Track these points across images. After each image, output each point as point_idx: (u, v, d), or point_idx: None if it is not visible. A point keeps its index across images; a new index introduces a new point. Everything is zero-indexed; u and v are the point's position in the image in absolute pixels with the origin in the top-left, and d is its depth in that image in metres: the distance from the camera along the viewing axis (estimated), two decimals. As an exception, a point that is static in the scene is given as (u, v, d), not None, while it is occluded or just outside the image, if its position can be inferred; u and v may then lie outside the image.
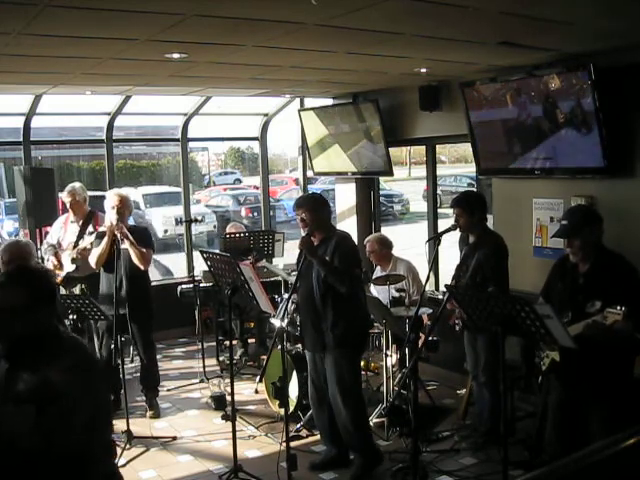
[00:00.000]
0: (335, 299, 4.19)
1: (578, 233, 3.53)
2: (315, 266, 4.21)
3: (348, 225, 7.59)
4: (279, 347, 4.06)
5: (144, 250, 5.23)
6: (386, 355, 5.21)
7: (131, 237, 5.14)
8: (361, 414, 4.42)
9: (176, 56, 4.50)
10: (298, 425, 5.05)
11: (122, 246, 5.12)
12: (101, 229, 5.43)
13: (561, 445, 3.67)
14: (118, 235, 5.07)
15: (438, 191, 7.52)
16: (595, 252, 3.55)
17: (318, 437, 4.85)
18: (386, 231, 7.65)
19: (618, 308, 3.11)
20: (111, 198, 5.26)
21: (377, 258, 6.09)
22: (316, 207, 4.32)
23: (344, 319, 4.22)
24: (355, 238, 5.75)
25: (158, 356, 7.15)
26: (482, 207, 4.71)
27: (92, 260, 5.33)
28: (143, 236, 5.32)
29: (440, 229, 5.49)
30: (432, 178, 7.02)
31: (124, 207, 5.22)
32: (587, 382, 3.52)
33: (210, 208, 19.44)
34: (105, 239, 5.19)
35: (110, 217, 5.21)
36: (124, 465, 4.59)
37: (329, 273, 4.15)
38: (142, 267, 5.23)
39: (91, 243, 5.57)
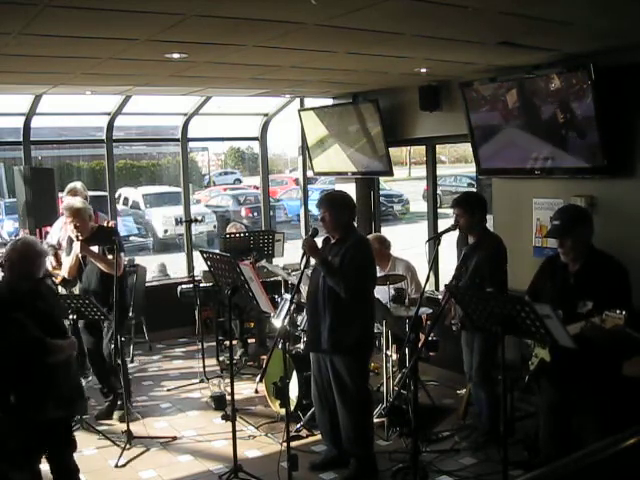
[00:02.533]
0: (337, 302, 4.16)
1: (570, 232, 3.53)
2: None
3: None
4: (280, 347, 4.06)
5: (111, 257, 5.06)
6: (386, 355, 5.21)
7: (93, 252, 5.16)
8: (363, 422, 4.37)
9: (176, 56, 4.50)
10: (298, 425, 5.05)
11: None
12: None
13: (554, 446, 3.68)
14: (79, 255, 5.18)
15: (438, 191, 7.53)
16: (586, 252, 3.56)
17: (318, 437, 4.85)
18: (386, 231, 7.66)
19: (618, 312, 3.09)
20: (64, 213, 5.28)
21: (377, 258, 6.07)
22: (336, 207, 4.27)
23: (341, 324, 4.18)
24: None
25: (158, 356, 7.20)
26: (482, 207, 4.72)
27: (64, 271, 5.43)
28: (109, 241, 5.05)
29: (440, 229, 5.49)
30: (432, 178, 7.03)
31: (79, 219, 5.17)
32: (577, 382, 3.52)
33: (210, 208, 19.43)
34: (72, 252, 5.28)
35: (70, 232, 5.24)
36: (124, 465, 4.59)
37: (328, 275, 4.13)
38: (113, 274, 5.03)
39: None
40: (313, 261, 4.29)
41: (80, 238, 5.17)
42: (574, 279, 3.57)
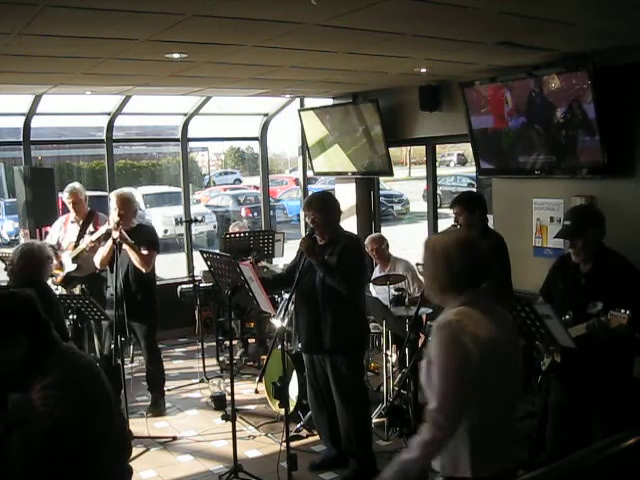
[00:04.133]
0: (336, 301, 4.16)
1: (581, 234, 3.51)
2: None
3: (348, 225, 7.58)
4: (279, 347, 4.06)
5: (145, 252, 5.16)
6: (386, 355, 5.21)
7: (130, 240, 5.10)
8: (363, 421, 4.38)
9: (176, 56, 4.50)
10: (298, 425, 5.05)
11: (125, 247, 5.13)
12: (104, 227, 5.40)
13: (561, 445, 3.67)
14: (117, 238, 5.06)
15: (438, 191, 7.53)
16: (597, 252, 3.54)
17: (318, 437, 4.85)
18: (386, 231, 7.66)
19: (622, 311, 3.09)
20: (112, 200, 5.24)
21: (379, 257, 6.10)
22: (327, 208, 4.27)
23: (343, 322, 4.18)
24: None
25: (158, 356, 7.18)
26: (481, 205, 4.71)
27: (96, 260, 5.34)
28: (147, 237, 5.25)
29: (440, 229, 5.49)
30: (432, 178, 7.03)
31: (125, 209, 5.16)
32: (587, 382, 3.52)
33: (210, 208, 19.44)
34: (109, 241, 5.19)
35: (112, 218, 5.18)
36: (124, 465, 4.59)
37: (327, 275, 4.13)
38: (143, 269, 5.17)
39: (91, 242, 5.57)
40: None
41: (121, 227, 5.09)
42: (585, 280, 3.55)
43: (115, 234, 5.08)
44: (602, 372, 3.44)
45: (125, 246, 5.12)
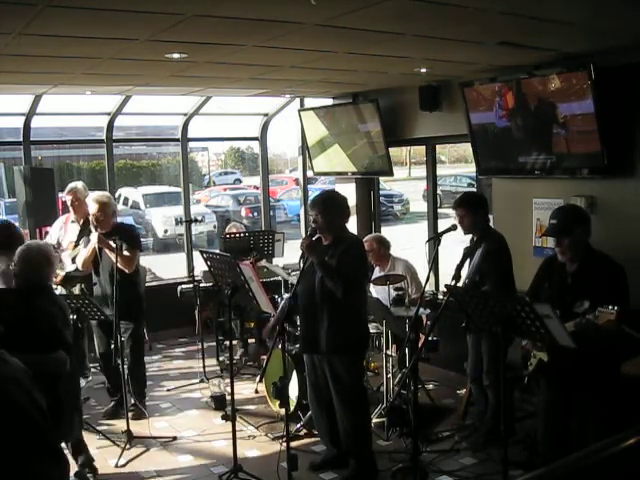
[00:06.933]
0: (334, 303, 4.15)
1: (567, 232, 3.55)
2: None
3: (348, 225, 7.57)
4: (279, 347, 4.06)
5: (127, 254, 5.15)
6: (386, 355, 5.21)
7: (111, 245, 5.10)
8: (362, 421, 4.38)
9: (176, 56, 4.50)
10: (298, 425, 5.05)
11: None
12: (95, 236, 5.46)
13: (552, 446, 3.68)
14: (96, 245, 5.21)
15: (438, 191, 7.53)
16: (583, 252, 3.57)
17: (318, 437, 4.85)
18: (386, 231, 7.66)
19: (610, 308, 3.12)
20: (89, 205, 5.33)
21: (376, 258, 6.08)
22: (331, 210, 4.25)
23: (340, 324, 4.18)
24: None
25: (158, 356, 7.20)
26: (484, 206, 4.73)
27: (79, 264, 5.44)
28: (128, 236, 5.23)
29: (440, 229, 5.48)
30: (432, 178, 7.03)
31: (103, 213, 5.21)
32: (575, 381, 3.53)
33: (210, 208, 19.45)
34: (89, 244, 5.30)
35: (91, 223, 5.28)
36: (124, 465, 4.59)
37: (326, 276, 4.12)
38: (126, 270, 5.14)
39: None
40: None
41: (100, 231, 5.18)
42: (571, 279, 3.58)
43: (93, 238, 5.20)
44: (590, 370, 3.46)
45: (106, 249, 5.21)
